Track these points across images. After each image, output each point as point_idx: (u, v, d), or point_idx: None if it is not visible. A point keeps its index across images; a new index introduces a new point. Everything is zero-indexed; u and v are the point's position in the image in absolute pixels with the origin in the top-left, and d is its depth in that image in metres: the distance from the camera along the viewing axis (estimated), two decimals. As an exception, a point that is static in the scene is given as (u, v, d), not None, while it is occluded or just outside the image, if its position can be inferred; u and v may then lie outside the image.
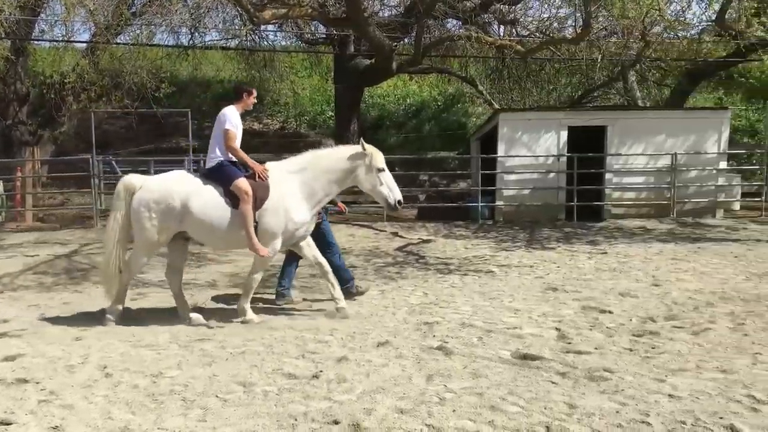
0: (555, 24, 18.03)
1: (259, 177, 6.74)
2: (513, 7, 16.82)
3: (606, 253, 10.89)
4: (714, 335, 5.90)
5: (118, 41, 17.28)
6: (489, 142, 16.62)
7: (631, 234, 12.93)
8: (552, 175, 14.97)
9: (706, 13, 17.09)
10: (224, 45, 19.39)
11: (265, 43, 20.79)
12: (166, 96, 19.01)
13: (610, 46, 16.96)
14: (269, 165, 6.97)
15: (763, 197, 15.21)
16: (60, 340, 6.10)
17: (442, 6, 15.15)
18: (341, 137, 17.70)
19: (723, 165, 15.20)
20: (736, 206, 15.88)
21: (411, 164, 17.92)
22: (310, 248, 7.18)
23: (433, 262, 10.50)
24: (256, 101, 7.20)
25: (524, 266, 9.87)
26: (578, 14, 13.96)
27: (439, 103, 26.35)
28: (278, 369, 5.10)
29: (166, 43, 17.97)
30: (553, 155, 14.94)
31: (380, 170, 6.92)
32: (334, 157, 7.01)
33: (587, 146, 14.83)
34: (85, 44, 18.26)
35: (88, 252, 11.62)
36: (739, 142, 21.18)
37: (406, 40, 17.90)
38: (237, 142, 6.79)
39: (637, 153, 14.95)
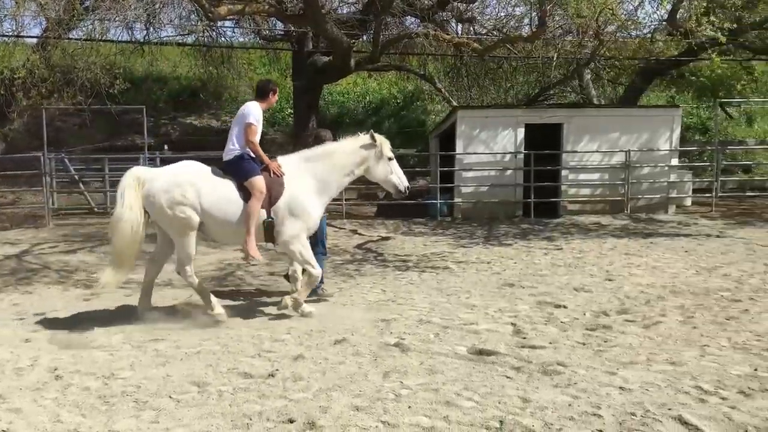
0: (512, 22, 18.25)
1: (273, 173, 6.74)
2: (470, 5, 16.93)
3: (562, 248, 11.06)
4: (664, 328, 6.04)
5: (71, 36, 16.88)
6: (448, 139, 16.73)
7: (587, 230, 13.17)
8: (509, 172, 15.13)
9: (657, 13, 17.48)
10: (180, 41, 19.12)
11: (223, 39, 20.55)
12: (120, 92, 18.62)
13: (565, 44, 17.22)
14: (281, 160, 6.97)
15: (713, 193, 15.61)
16: (9, 342, 5.94)
17: (399, 3, 15.18)
18: (300, 135, 17.62)
19: (675, 162, 15.55)
20: (688, 202, 16.29)
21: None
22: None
23: (391, 259, 10.53)
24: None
25: (482, 262, 9.96)
26: (534, 13, 14.11)
27: (399, 101, 26.40)
28: (234, 368, 5.06)
29: (120, 38, 17.65)
30: (511, 152, 15.10)
31: (390, 159, 7.14)
32: (346, 149, 7.09)
33: (544, 143, 15.02)
34: (35, 39, 17.81)
35: (39, 252, 11.36)
36: (690, 139, 21.75)
37: (364, 37, 17.89)
38: (257, 138, 6.79)
39: (592, 150, 15.21)
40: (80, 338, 6.07)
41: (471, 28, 17.91)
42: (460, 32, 18.58)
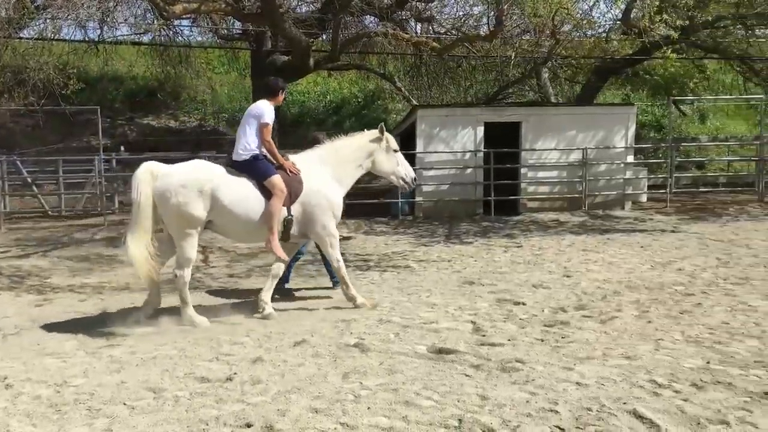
0: (471, 22, 18.37)
1: (290, 172, 6.79)
2: (428, 4, 17.00)
3: (521, 246, 11.18)
4: (620, 323, 6.13)
5: (22, 36, 16.47)
6: (408, 138, 16.75)
7: (545, 227, 13.32)
8: (469, 170, 15.23)
9: (611, 12, 17.78)
10: (136, 40, 18.80)
11: (180, 38, 20.27)
12: (75, 93, 18.23)
13: (523, 44, 17.40)
14: (293, 158, 7.03)
15: (668, 189, 15.93)
16: (-44, 352, 5.77)
17: (358, 2, 15.16)
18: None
19: (630, 159, 15.83)
20: (644, 198, 16.59)
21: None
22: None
23: (352, 259, 10.51)
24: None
25: (442, 261, 10.01)
26: (491, 12, 14.23)
27: (360, 100, 26.38)
28: (190, 373, 4.98)
29: (73, 37, 17.29)
30: (471, 151, 15.19)
31: (396, 151, 7.44)
32: (354, 144, 7.29)
33: (503, 142, 15.15)
34: (-16, 39, 17.32)
35: (-10, 257, 11.06)
36: (646, 137, 22.17)
37: (323, 36, 17.81)
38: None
39: (550, 148, 15.39)
40: (32, 345, 5.92)
41: (430, 28, 17.97)
42: (419, 31, 18.64)
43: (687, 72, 19.68)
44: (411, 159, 15.53)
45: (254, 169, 6.68)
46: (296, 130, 23.46)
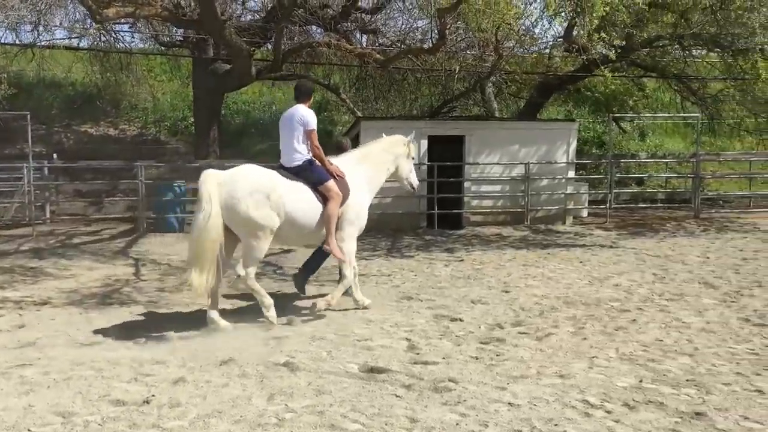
0: (418, 35, 18.36)
1: (337, 176, 6.98)
2: (374, 16, 16.93)
3: (462, 260, 11.11)
4: (556, 340, 6.07)
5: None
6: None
7: (488, 241, 13.32)
8: (413, 183, 15.10)
9: (553, 28, 18.04)
10: (72, 44, 18.18)
11: (122, 44, 19.71)
12: (6, 98, 17.49)
13: (468, 58, 17.48)
14: (335, 162, 7.21)
15: (608, 205, 16.16)
16: None
17: (303, 13, 14.98)
18: (201, 144, 17.09)
19: (572, 174, 16.01)
20: (585, 213, 16.80)
21: (275, 172, 17.50)
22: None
23: (291, 273, 10.22)
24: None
25: (382, 275, 9.85)
26: (434, 27, 14.24)
27: (306, 111, 26.08)
28: (106, 395, 4.69)
29: (4, 40, 16.59)
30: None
31: (412, 159, 8.07)
32: (386, 146, 7.76)
33: (447, 155, 15.12)
34: None
35: None
36: (588, 152, 22.54)
37: (267, 45, 17.55)
38: None
39: (494, 162, 15.44)
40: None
41: (376, 40, 17.90)
42: (365, 43, 18.56)
43: (627, 90, 20.07)
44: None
45: (310, 174, 6.85)
46: (240, 141, 23.07)
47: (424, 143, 15.24)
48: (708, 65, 18.25)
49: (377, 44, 17.24)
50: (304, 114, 6.94)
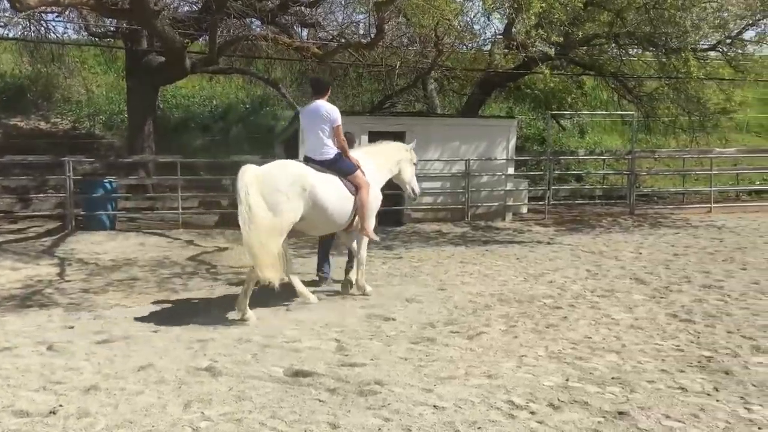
0: (360, 29, 18.16)
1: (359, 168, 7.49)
2: (314, 9, 16.65)
3: (401, 257, 11.02)
4: (487, 339, 6.01)
5: None
6: (294, 145, 16.33)
7: (427, 238, 13.27)
8: (353, 179, 14.96)
9: (491, 25, 18.11)
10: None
11: (54, 35, 18.91)
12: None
13: (409, 53, 17.39)
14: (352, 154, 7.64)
15: (546, 201, 16.33)
16: None
17: (240, 5, 14.63)
18: (135, 139, 16.55)
19: (511, 171, 16.10)
20: (524, 210, 16.94)
21: (215, 168, 17.10)
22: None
23: (224, 272, 9.98)
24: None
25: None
26: (373, 21, 14.08)
27: (247, 106, 25.61)
28: (9, 406, 4.41)
29: None
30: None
31: (415, 164, 8.62)
32: (389, 151, 8.24)
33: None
34: None
35: None
36: (530, 149, 22.75)
37: (205, 38, 17.06)
38: None
39: (434, 158, 15.40)
40: None
41: (316, 33, 17.62)
42: (306, 37, 18.26)
43: (566, 88, 20.32)
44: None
45: (340, 166, 7.32)
46: (180, 136, 22.48)
47: (365, 139, 15.07)
48: (643, 64, 18.58)
49: (317, 38, 16.95)
50: (330, 110, 7.34)
